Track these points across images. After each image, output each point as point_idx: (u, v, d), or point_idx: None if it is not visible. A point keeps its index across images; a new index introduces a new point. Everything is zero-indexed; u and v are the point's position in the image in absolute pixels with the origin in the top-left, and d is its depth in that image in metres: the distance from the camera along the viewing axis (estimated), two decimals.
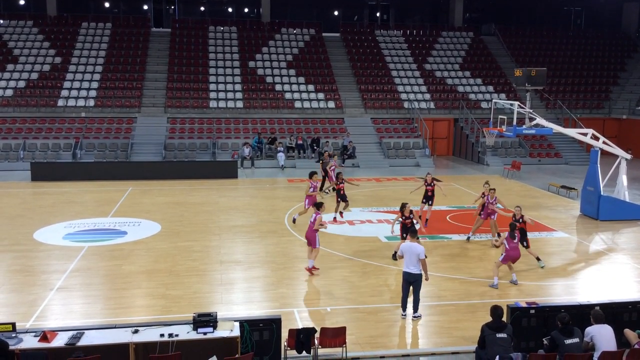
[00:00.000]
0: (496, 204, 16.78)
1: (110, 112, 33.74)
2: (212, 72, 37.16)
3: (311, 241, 14.00)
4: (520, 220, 14.78)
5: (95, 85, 35.00)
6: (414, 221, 14.79)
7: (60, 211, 20.55)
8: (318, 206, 14.39)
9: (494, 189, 17.13)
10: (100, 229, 18.28)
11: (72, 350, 8.48)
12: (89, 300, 12.52)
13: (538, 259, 14.91)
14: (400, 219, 14.96)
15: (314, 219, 13.95)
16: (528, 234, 15.31)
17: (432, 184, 18.38)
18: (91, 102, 33.96)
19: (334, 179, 20.73)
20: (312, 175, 18.67)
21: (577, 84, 40.42)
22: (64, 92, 34.22)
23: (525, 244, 14.90)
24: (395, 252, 14.46)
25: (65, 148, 30.60)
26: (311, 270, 14.11)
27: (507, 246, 13.35)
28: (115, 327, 9.28)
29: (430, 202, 18.52)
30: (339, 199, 19.49)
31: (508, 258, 13.41)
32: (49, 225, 18.57)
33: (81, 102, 33.86)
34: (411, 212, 14.90)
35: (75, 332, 8.92)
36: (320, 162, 25.37)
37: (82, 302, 12.39)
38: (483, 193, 17.25)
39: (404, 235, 14.62)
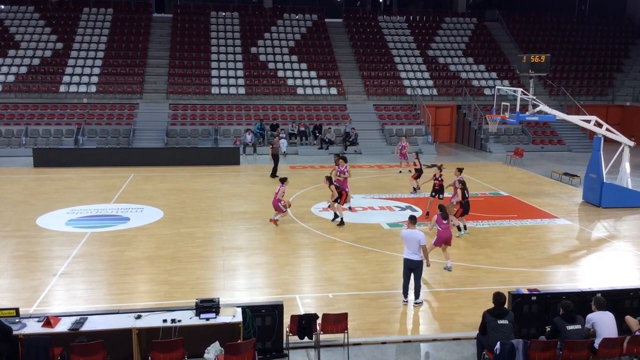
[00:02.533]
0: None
1: (112, 98, 33.69)
2: (214, 58, 37.04)
3: (276, 208, 17.01)
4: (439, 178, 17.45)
5: (97, 71, 34.93)
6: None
7: (62, 197, 20.59)
8: (282, 180, 17.22)
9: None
10: (103, 215, 18.32)
11: (75, 335, 8.54)
12: (92, 285, 12.57)
13: (460, 228, 14.92)
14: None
15: (279, 190, 16.83)
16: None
17: (440, 179, 17.94)
18: (93, 88, 33.90)
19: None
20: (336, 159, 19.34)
21: (580, 70, 40.22)
22: (66, 78, 34.17)
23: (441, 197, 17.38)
24: (341, 219, 17.15)
25: (67, 134, 30.60)
26: (275, 221, 17.04)
27: (438, 227, 13.40)
28: (118, 313, 9.33)
29: (440, 196, 18.06)
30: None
31: (441, 240, 13.44)
32: (51, 211, 18.61)
33: (83, 88, 33.81)
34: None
35: (78, 317, 8.97)
36: (270, 147, 25.22)
37: (85, 288, 12.44)
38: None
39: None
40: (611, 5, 46.79)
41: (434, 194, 18.16)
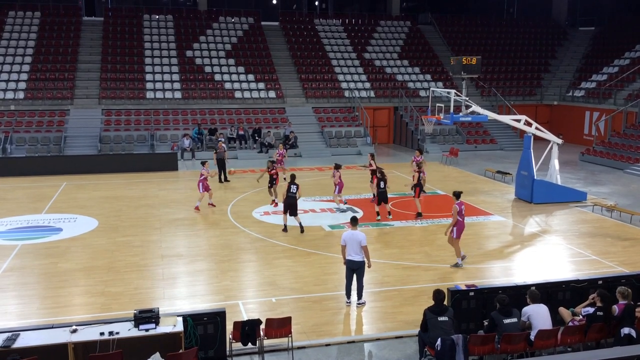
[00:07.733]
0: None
1: (42, 105, 32.44)
2: (148, 62, 36.24)
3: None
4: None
5: (24, 77, 33.55)
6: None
7: None
8: (203, 164, 19.58)
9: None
10: (34, 226, 17.61)
11: (7, 353, 8.15)
12: (24, 300, 12.06)
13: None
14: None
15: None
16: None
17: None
18: (21, 95, 32.54)
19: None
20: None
21: (510, 71, 41.65)
22: None
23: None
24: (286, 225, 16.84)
25: None
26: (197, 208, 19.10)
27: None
28: (52, 327, 8.97)
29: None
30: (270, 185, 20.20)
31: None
32: None
33: (10, 95, 32.39)
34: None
35: (10, 333, 8.56)
36: (215, 152, 25.22)
37: (17, 303, 11.92)
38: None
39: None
40: (538, 8, 48.72)
41: None
